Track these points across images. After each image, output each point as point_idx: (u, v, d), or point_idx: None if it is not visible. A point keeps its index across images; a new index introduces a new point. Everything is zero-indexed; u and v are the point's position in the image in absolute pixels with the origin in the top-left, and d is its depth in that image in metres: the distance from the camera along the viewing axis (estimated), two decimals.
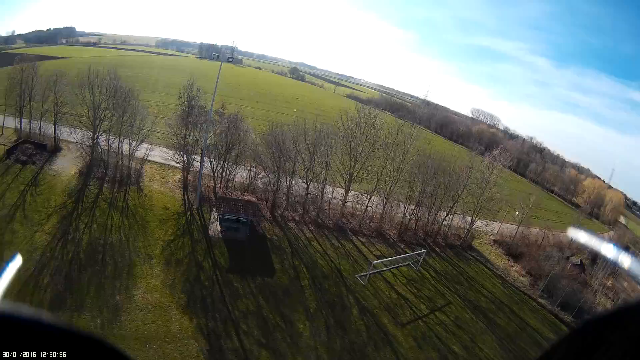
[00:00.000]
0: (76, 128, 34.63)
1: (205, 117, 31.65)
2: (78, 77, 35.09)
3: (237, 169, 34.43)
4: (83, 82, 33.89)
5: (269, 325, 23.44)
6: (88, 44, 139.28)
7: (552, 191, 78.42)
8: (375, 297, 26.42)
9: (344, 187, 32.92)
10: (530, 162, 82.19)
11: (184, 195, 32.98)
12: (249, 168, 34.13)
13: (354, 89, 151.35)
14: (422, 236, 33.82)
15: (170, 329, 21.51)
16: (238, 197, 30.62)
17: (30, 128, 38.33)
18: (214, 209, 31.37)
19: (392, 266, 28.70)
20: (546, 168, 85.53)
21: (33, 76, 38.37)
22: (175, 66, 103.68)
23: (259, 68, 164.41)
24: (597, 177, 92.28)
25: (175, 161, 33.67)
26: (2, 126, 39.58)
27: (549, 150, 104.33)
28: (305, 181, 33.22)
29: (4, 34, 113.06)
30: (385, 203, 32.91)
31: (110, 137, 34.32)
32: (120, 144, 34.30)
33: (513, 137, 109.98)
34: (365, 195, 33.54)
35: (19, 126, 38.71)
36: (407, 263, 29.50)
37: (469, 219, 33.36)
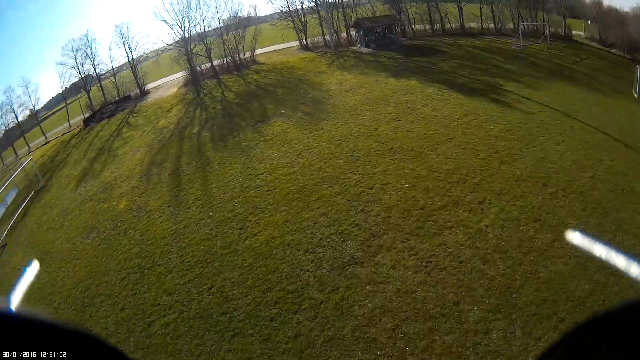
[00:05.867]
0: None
1: None
2: None
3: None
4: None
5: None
6: None
7: None
8: (541, 52, 27.72)
9: None
10: None
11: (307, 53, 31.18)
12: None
13: None
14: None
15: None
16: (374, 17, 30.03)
17: (104, 96, 34.27)
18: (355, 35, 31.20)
19: (531, 42, 29.15)
20: None
21: None
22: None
23: None
24: None
25: (291, 25, 32.45)
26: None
27: None
28: None
29: None
30: None
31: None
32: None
33: None
34: None
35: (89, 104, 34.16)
36: (539, 41, 29.43)
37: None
